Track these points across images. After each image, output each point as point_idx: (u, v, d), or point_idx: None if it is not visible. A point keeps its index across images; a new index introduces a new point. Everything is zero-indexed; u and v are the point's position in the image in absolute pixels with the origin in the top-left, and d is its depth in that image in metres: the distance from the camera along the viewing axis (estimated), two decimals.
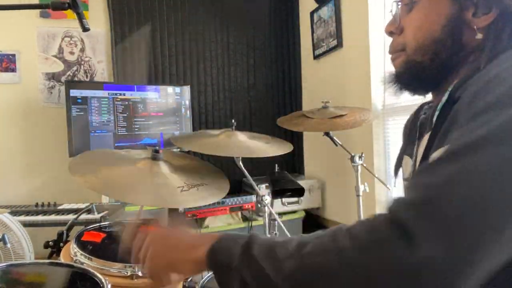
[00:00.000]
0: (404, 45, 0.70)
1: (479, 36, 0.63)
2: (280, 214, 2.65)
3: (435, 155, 0.56)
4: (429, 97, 0.76)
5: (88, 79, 2.75)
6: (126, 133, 2.54)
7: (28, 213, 1.99)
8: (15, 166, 2.62)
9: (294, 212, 2.77)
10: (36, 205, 2.13)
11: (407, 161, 0.78)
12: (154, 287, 0.79)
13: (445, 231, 0.41)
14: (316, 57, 2.97)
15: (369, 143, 2.30)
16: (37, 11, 2.64)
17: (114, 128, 2.50)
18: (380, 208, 2.27)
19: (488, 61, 0.59)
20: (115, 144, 2.50)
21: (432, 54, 0.66)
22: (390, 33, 0.73)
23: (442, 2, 0.65)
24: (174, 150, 2.12)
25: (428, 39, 0.66)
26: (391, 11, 0.73)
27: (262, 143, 1.56)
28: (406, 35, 0.70)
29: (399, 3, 0.71)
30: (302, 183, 2.62)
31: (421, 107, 0.78)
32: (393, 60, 0.73)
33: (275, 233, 1.67)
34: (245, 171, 1.63)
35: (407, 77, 0.71)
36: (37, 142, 2.65)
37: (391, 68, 0.75)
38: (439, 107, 0.63)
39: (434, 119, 0.64)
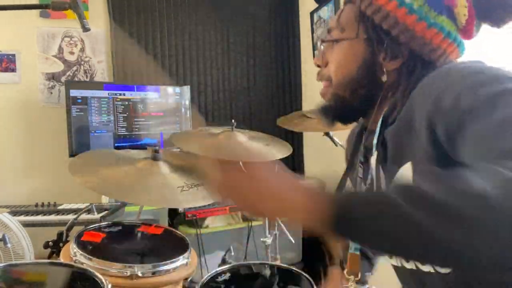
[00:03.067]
0: (330, 76, 0.77)
1: (385, 78, 0.70)
2: None
3: (404, 171, 0.64)
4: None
5: (88, 79, 2.75)
6: (126, 133, 2.54)
7: (28, 213, 1.99)
8: (15, 166, 2.62)
9: None
10: (36, 205, 2.13)
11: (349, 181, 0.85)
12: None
13: None
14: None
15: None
16: (37, 11, 2.64)
17: (114, 128, 2.50)
18: None
19: (403, 96, 0.66)
20: (115, 144, 2.49)
21: (351, 90, 0.74)
22: (317, 65, 0.81)
23: (358, 44, 0.72)
24: (174, 150, 2.12)
25: (347, 77, 0.74)
26: (318, 46, 0.80)
27: (261, 145, 1.56)
28: (330, 68, 0.77)
29: (323, 41, 0.78)
30: None
31: (360, 134, 0.84)
32: (323, 93, 0.79)
33: (275, 233, 1.67)
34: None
35: (335, 109, 0.77)
36: (37, 142, 2.64)
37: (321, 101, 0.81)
38: (376, 133, 0.70)
39: (374, 143, 0.71)
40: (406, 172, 0.64)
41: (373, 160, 0.74)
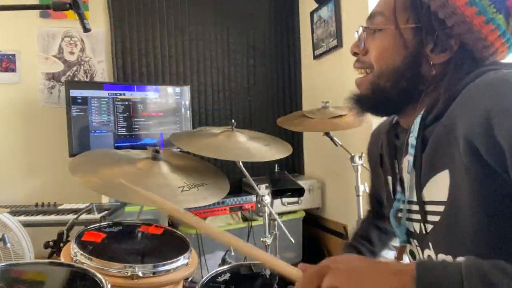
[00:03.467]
0: (371, 65, 0.74)
1: (433, 72, 0.67)
2: (280, 214, 2.65)
3: (432, 184, 0.64)
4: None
5: (88, 79, 2.75)
6: (126, 133, 2.54)
7: (28, 213, 1.99)
8: (15, 166, 2.62)
9: (294, 212, 2.77)
10: (36, 205, 2.13)
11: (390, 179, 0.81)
12: None
13: None
14: (316, 57, 2.97)
15: None
16: (37, 11, 2.64)
17: (114, 128, 2.50)
18: None
19: (446, 95, 0.63)
20: (115, 144, 2.49)
21: (393, 82, 0.71)
22: (354, 53, 0.78)
23: (406, 33, 0.68)
24: (174, 150, 2.12)
25: (390, 67, 0.70)
26: (357, 32, 0.77)
27: (261, 146, 1.56)
28: (370, 56, 0.74)
29: (365, 28, 0.75)
30: (302, 183, 2.62)
31: (392, 128, 0.81)
32: (360, 82, 0.77)
33: (275, 233, 1.67)
34: (245, 171, 1.63)
35: (371, 100, 0.75)
36: (37, 142, 2.65)
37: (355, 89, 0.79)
38: (414, 134, 0.68)
39: (411, 143, 0.68)
40: (441, 180, 0.63)
41: (406, 160, 0.72)
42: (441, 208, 0.64)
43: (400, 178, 0.76)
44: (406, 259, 0.80)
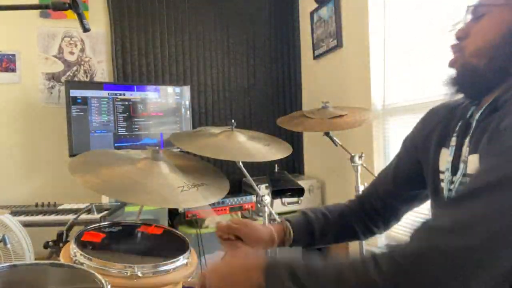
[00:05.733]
0: (464, 47, 0.75)
1: None
2: (280, 214, 2.64)
3: (471, 159, 0.71)
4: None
5: (88, 79, 2.75)
6: (126, 133, 2.54)
7: (28, 213, 1.99)
8: (15, 166, 2.62)
9: (294, 212, 2.76)
10: (36, 205, 2.13)
11: (445, 152, 0.83)
12: None
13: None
14: (316, 57, 2.97)
15: (369, 143, 2.30)
16: (37, 11, 2.64)
17: (114, 128, 2.50)
18: None
19: None
20: (115, 144, 2.50)
21: (488, 59, 0.71)
22: (458, 38, 0.78)
23: (506, 11, 0.70)
24: (174, 150, 2.12)
25: (487, 44, 0.72)
26: (463, 18, 0.78)
27: (261, 146, 1.55)
28: (469, 40, 0.75)
29: (469, 10, 0.77)
30: (302, 183, 2.62)
31: (465, 106, 0.82)
32: (452, 62, 0.78)
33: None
34: (245, 171, 1.63)
35: (464, 81, 0.76)
36: (37, 142, 2.65)
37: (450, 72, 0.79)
38: (479, 112, 0.72)
39: (474, 123, 0.73)
40: (472, 161, 0.70)
41: (467, 139, 0.75)
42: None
43: (459, 154, 0.79)
44: None
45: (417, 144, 0.92)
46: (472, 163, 0.71)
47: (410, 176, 0.94)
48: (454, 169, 0.78)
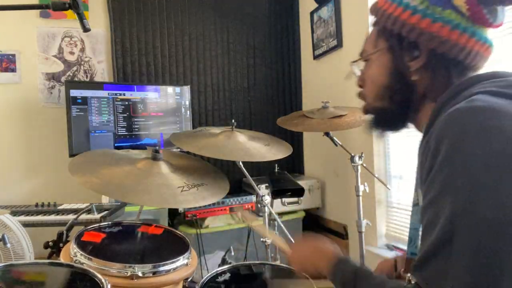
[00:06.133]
0: (364, 95, 0.85)
1: (415, 77, 0.74)
2: (280, 214, 2.65)
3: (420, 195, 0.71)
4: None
5: (88, 79, 2.75)
6: (126, 133, 2.54)
7: (28, 213, 1.99)
8: (15, 166, 2.62)
9: (294, 212, 2.77)
10: (36, 205, 2.13)
11: None
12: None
13: None
14: (316, 57, 2.97)
15: (369, 143, 2.30)
16: (37, 11, 2.64)
17: (114, 128, 2.50)
18: (380, 208, 2.28)
19: (448, 98, 0.68)
20: (115, 144, 2.50)
21: (387, 99, 0.79)
22: (359, 86, 0.87)
23: (384, 55, 0.78)
24: (174, 150, 2.12)
25: (380, 88, 0.79)
26: (356, 70, 0.87)
27: (261, 146, 1.56)
28: (366, 87, 0.84)
29: (354, 62, 0.86)
30: (302, 183, 2.63)
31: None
32: (364, 109, 0.86)
33: (275, 234, 1.67)
34: (245, 171, 1.63)
35: (378, 121, 0.83)
36: (37, 142, 2.65)
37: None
38: (420, 144, 0.73)
39: (418, 154, 0.74)
40: (418, 197, 0.71)
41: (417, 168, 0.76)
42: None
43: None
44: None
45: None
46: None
47: None
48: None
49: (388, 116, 0.81)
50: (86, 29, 1.11)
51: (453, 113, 0.59)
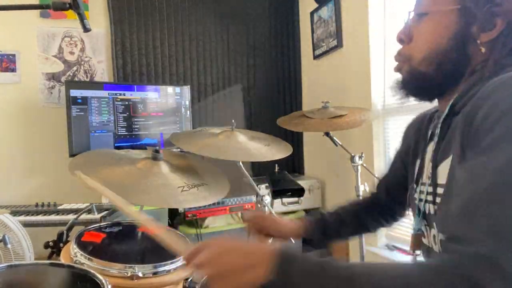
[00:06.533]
0: (410, 55, 0.73)
1: (483, 50, 0.65)
2: (280, 214, 2.65)
3: (441, 168, 0.66)
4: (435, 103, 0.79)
5: (88, 79, 2.75)
6: (126, 133, 2.54)
7: (28, 213, 1.99)
8: (15, 166, 2.62)
9: (294, 212, 2.77)
10: (36, 205, 2.13)
11: (419, 162, 0.82)
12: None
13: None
14: (316, 57, 2.97)
15: (369, 143, 2.30)
16: (37, 11, 2.64)
17: (114, 128, 2.50)
18: None
19: (490, 75, 0.61)
20: (115, 144, 2.50)
21: (437, 65, 0.69)
22: (400, 40, 0.75)
23: (450, 16, 0.67)
24: (174, 150, 2.12)
25: (434, 51, 0.69)
26: (404, 20, 0.75)
27: (262, 145, 1.55)
28: (413, 45, 0.73)
29: (411, 12, 0.74)
30: (302, 183, 2.62)
31: (433, 114, 0.81)
32: (398, 68, 0.76)
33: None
34: (245, 171, 1.63)
35: (413, 86, 0.74)
36: (37, 142, 2.65)
37: (397, 75, 0.77)
38: (441, 119, 0.69)
39: (438, 130, 0.70)
40: (446, 165, 0.65)
41: (430, 148, 0.73)
42: (442, 191, 0.68)
43: (424, 163, 0.78)
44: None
45: (403, 160, 0.93)
46: (443, 170, 0.67)
47: (402, 187, 0.93)
48: (418, 178, 0.78)
49: (426, 83, 0.72)
50: (86, 29, 1.11)
51: (507, 77, 0.56)
